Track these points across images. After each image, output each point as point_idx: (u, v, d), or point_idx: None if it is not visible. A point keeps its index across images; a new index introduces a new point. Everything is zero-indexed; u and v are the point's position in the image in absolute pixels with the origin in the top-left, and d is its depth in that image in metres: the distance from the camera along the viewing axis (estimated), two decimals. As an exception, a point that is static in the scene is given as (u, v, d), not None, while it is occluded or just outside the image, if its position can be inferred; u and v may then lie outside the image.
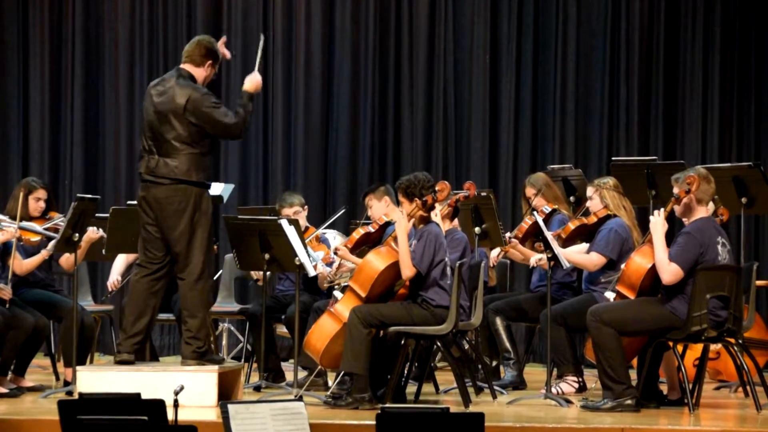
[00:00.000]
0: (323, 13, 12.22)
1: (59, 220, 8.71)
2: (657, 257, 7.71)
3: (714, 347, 9.19)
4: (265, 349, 8.86)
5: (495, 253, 9.51)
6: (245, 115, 7.93)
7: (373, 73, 12.18)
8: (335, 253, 8.85)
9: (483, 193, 9.34)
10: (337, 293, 8.23)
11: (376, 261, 7.97)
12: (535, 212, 9.03)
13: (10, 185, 11.74)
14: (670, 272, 7.66)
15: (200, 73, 8.01)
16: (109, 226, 8.92)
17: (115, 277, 9.85)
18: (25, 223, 8.60)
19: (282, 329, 9.54)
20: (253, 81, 8.00)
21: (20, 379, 8.71)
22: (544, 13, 12.06)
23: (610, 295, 8.09)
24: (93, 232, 8.83)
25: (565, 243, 8.81)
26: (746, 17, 11.89)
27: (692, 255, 7.66)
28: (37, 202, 8.87)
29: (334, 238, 9.45)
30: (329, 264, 9.02)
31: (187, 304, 7.96)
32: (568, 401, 8.05)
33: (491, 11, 12.05)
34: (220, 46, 8.06)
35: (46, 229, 8.67)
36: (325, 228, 9.52)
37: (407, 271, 7.83)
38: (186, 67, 8.02)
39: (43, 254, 8.69)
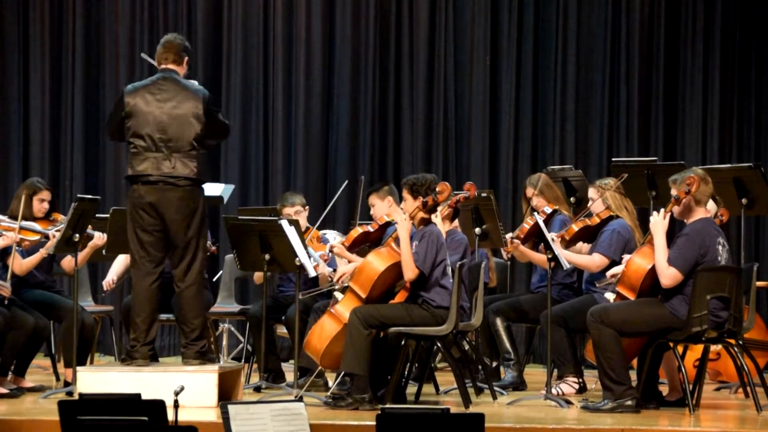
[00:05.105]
0: (323, 14, 12.21)
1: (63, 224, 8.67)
2: (657, 259, 7.71)
3: (714, 348, 9.19)
4: (265, 349, 8.85)
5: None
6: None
7: (373, 73, 12.17)
8: (331, 251, 8.85)
9: (483, 194, 9.34)
10: (337, 294, 8.23)
11: (377, 262, 7.96)
12: (536, 213, 9.02)
13: (10, 186, 11.75)
14: (668, 276, 7.66)
15: (182, 71, 8.14)
16: (109, 227, 8.91)
17: (111, 277, 9.68)
18: (25, 223, 8.58)
19: (282, 330, 9.54)
20: None
21: (20, 379, 8.71)
22: (544, 14, 12.05)
23: (610, 296, 8.08)
24: (99, 239, 8.83)
25: (569, 244, 8.81)
26: (746, 18, 11.88)
27: (691, 257, 7.65)
28: (41, 204, 8.86)
29: (335, 238, 9.45)
30: (327, 262, 9.01)
31: (193, 306, 7.99)
32: (569, 402, 8.05)
33: (491, 12, 12.05)
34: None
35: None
36: (326, 213, 9.49)
37: (409, 272, 7.82)
38: (172, 67, 8.08)
39: (42, 252, 8.68)
